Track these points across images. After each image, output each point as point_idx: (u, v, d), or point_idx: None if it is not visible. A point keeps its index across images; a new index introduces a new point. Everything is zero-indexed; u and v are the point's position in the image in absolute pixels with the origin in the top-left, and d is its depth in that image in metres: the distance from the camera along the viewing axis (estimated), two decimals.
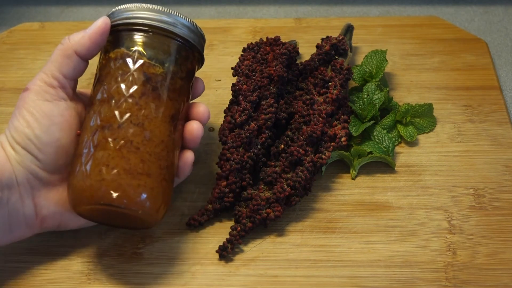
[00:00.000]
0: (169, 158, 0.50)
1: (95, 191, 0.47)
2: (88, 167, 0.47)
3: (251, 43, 0.63)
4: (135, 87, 0.49)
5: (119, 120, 0.48)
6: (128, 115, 0.49)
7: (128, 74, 0.50)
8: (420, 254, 0.53)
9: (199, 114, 0.53)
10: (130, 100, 0.49)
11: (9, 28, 0.78)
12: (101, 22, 0.51)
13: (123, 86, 0.49)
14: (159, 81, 0.50)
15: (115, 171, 0.47)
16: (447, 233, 0.55)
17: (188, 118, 0.54)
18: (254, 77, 0.59)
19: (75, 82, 0.53)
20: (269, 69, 0.59)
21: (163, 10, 0.52)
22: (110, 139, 0.48)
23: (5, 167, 0.49)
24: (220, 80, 0.69)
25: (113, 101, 0.49)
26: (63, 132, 0.50)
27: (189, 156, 0.53)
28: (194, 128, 0.52)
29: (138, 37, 0.51)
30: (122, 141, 0.48)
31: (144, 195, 0.47)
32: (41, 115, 0.50)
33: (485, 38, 0.74)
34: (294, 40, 0.67)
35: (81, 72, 0.52)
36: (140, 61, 0.50)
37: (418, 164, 0.60)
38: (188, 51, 0.53)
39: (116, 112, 0.49)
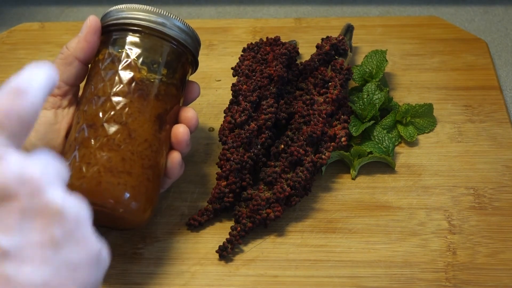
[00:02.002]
0: (153, 157, 0.49)
1: (76, 189, 0.46)
2: (70, 165, 0.47)
3: (251, 43, 0.63)
4: (120, 86, 0.49)
5: (102, 118, 0.48)
6: (111, 113, 0.48)
7: (114, 73, 0.49)
8: (420, 254, 0.53)
9: (187, 119, 0.53)
10: (114, 98, 0.49)
11: (9, 28, 0.78)
12: (91, 21, 0.51)
13: (108, 84, 0.49)
14: (145, 81, 0.50)
15: (95, 168, 0.47)
16: (447, 233, 0.55)
17: (177, 121, 0.53)
18: (254, 77, 0.59)
19: (77, 88, 0.53)
20: (269, 69, 0.59)
21: (154, 10, 0.51)
22: (92, 137, 0.48)
23: None
24: (220, 80, 0.69)
25: (98, 100, 0.49)
26: (60, 139, 0.50)
27: (175, 156, 0.52)
28: (179, 131, 0.52)
29: (127, 37, 0.51)
30: (104, 139, 0.47)
31: (127, 194, 0.47)
32: (39, 122, 0.50)
33: (485, 38, 0.74)
34: (294, 40, 0.67)
35: (83, 77, 0.52)
36: (127, 61, 0.50)
37: (418, 164, 0.60)
38: (180, 53, 0.52)
39: (100, 110, 0.48)
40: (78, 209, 0.32)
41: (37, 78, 0.33)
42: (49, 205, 0.30)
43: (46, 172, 0.31)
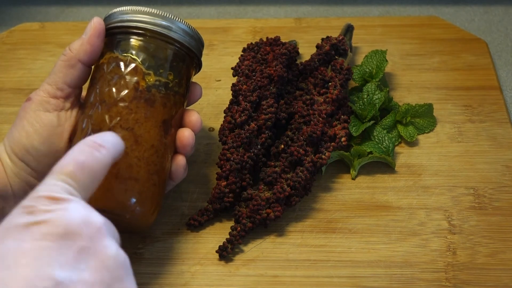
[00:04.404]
0: (159, 162, 0.49)
1: None
2: None
3: (251, 43, 0.63)
4: (126, 91, 0.48)
5: (108, 124, 0.48)
6: (118, 119, 0.48)
7: (120, 77, 0.49)
8: (420, 254, 0.53)
9: (191, 123, 0.53)
10: (120, 104, 0.48)
11: (9, 28, 0.78)
12: (95, 24, 0.50)
13: (114, 89, 0.48)
14: (151, 86, 0.49)
15: None
16: (447, 233, 0.55)
17: (181, 124, 0.53)
18: (254, 77, 0.59)
19: (80, 90, 0.52)
20: (269, 69, 0.59)
21: (159, 13, 0.50)
22: None
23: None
24: (220, 80, 0.69)
25: (104, 105, 0.48)
26: (63, 142, 0.50)
27: (180, 160, 0.52)
28: (185, 136, 0.52)
29: (132, 41, 0.50)
30: None
31: (134, 200, 0.47)
32: (41, 125, 0.49)
33: (485, 38, 0.74)
34: (294, 40, 0.67)
35: (86, 79, 0.52)
36: (133, 65, 0.49)
37: (418, 164, 0.60)
38: (184, 56, 0.52)
39: (106, 116, 0.48)
40: (127, 260, 0.35)
41: (111, 139, 0.40)
42: (105, 250, 0.34)
43: (106, 223, 0.35)
